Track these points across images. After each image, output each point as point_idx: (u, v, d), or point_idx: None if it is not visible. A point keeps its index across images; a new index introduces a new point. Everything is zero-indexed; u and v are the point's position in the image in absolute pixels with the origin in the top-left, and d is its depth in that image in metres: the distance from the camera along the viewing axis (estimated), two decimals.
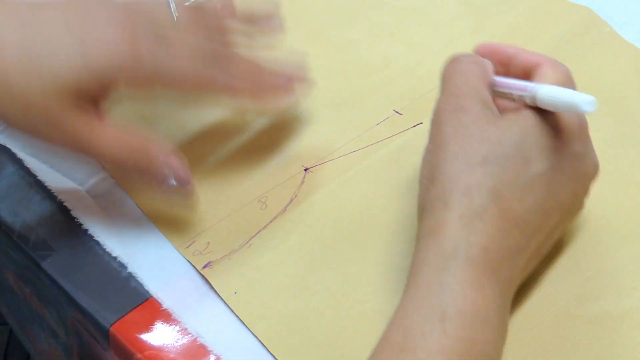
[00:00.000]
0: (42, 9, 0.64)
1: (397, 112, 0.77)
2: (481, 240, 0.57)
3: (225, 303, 0.69)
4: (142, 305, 0.69)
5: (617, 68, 0.78)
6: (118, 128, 0.66)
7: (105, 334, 0.69)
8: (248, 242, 0.72)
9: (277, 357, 0.66)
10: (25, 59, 0.62)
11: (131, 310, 0.69)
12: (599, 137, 0.72)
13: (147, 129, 0.72)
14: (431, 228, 0.59)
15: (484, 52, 0.66)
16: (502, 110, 0.63)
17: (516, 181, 0.59)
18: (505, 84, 0.64)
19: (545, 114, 0.61)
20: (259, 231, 0.72)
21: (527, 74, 0.64)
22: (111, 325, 0.69)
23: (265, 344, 0.67)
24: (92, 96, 0.64)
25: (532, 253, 0.61)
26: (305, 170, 0.75)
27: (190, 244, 0.72)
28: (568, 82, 0.63)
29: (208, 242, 0.72)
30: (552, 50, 0.79)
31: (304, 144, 0.77)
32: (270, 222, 0.72)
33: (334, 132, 0.77)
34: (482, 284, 0.57)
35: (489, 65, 0.65)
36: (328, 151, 0.76)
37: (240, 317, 0.68)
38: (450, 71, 0.64)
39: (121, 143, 0.66)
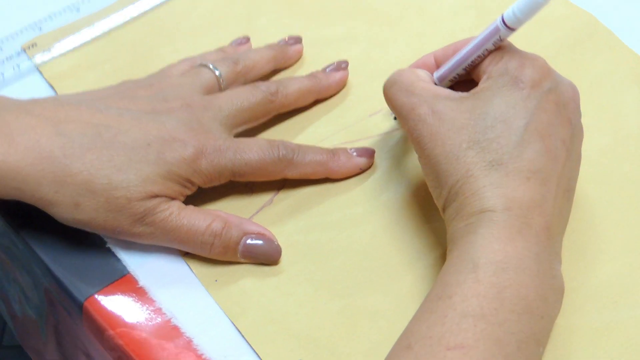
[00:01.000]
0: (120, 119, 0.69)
1: None
2: (499, 203, 0.60)
3: (204, 287, 0.68)
4: (119, 281, 0.69)
5: (617, 77, 0.77)
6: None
7: (79, 307, 0.68)
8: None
9: (253, 346, 0.65)
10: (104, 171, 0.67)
11: (107, 285, 0.69)
12: (594, 146, 0.72)
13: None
14: (452, 215, 0.62)
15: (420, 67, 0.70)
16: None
17: (507, 144, 0.62)
18: (453, 57, 0.67)
19: (498, 77, 0.63)
20: (260, 210, 0.71)
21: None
22: (85, 299, 0.68)
23: (241, 331, 0.66)
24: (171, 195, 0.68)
25: (557, 193, 0.62)
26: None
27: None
28: None
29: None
30: (553, 54, 0.78)
31: (291, 129, 0.76)
32: (257, 212, 0.72)
33: (323, 119, 0.76)
34: (512, 236, 0.59)
35: (422, 70, 0.69)
36: (316, 139, 0.75)
37: (218, 303, 0.67)
38: (392, 95, 0.67)
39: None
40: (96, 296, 0.68)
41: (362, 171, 0.73)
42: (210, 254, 0.69)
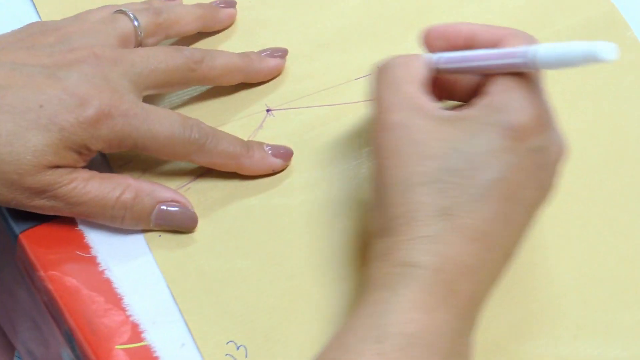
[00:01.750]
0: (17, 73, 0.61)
1: None
2: (432, 261, 0.53)
3: (145, 242, 0.64)
4: (58, 219, 0.64)
5: (628, 80, 0.71)
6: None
7: (14, 239, 0.64)
8: (187, 184, 0.66)
9: (185, 317, 0.62)
10: None
11: (46, 222, 0.65)
12: (593, 155, 0.67)
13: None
14: (380, 252, 0.55)
15: (433, 38, 0.61)
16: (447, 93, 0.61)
17: (466, 194, 0.54)
18: (466, 58, 0.58)
19: (490, 111, 0.56)
20: (202, 174, 0.67)
21: None
22: (21, 232, 0.64)
23: (175, 298, 0.62)
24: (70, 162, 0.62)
25: (498, 262, 0.56)
26: (268, 111, 0.69)
27: (125, 164, 0.67)
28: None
29: (144, 170, 0.67)
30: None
31: (272, 81, 0.71)
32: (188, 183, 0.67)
33: (308, 74, 0.71)
34: (432, 306, 0.53)
35: (419, 61, 0.60)
36: (296, 94, 0.70)
37: (157, 262, 0.64)
38: (377, 84, 0.59)
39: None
40: (32, 231, 0.64)
41: (274, 173, 0.67)
42: (121, 226, 0.64)
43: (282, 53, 0.71)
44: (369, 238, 0.57)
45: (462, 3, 0.74)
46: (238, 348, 0.61)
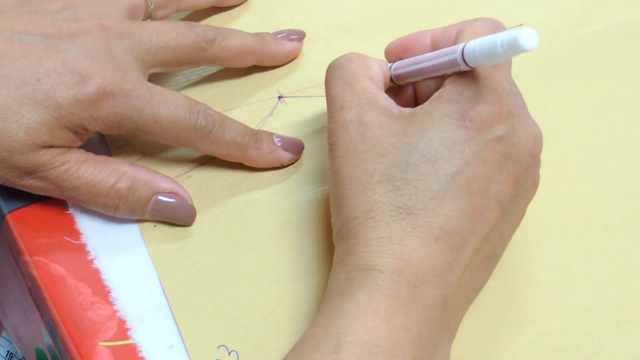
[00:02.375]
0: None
1: None
2: (391, 264, 0.50)
3: (140, 232, 0.60)
4: (48, 200, 0.61)
5: None
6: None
7: (1, 219, 0.61)
8: (188, 172, 0.62)
9: (175, 316, 0.58)
10: None
11: (36, 202, 0.61)
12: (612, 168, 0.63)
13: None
14: (340, 256, 0.53)
15: (394, 52, 0.59)
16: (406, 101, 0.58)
17: (425, 191, 0.51)
18: (413, 62, 0.56)
19: (442, 102, 0.53)
20: (205, 162, 0.63)
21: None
22: (9, 212, 0.60)
23: (166, 295, 0.59)
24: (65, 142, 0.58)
25: (472, 261, 0.52)
26: (279, 98, 0.65)
27: (124, 145, 0.63)
28: (499, 31, 0.54)
29: (144, 153, 0.63)
30: (601, 42, 0.68)
31: (286, 66, 0.67)
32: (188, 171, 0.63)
33: (325, 60, 0.66)
34: (392, 311, 0.49)
35: (374, 61, 0.57)
36: (311, 82, 0.66)
37: (150, 254, 0.60)
38: (330, 80, 0.56)
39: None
40: (20, 211, 0.61)
41: (283, 167, 0.63)
42: (114, 214, 0.60)
43: (299, 36, 0.67)
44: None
45: None
46: (230, 353, 0.57)
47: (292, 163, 0.63)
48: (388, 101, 0.54)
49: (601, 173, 0.62)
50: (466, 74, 0.53)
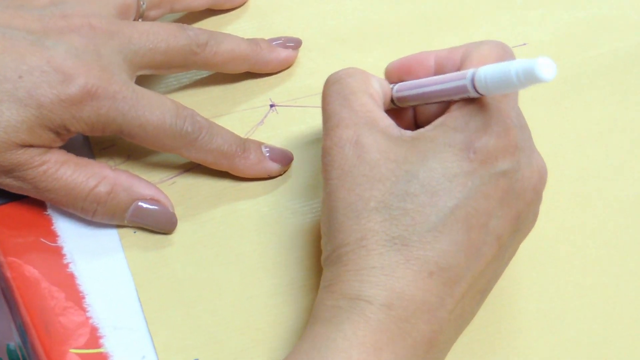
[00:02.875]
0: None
1: None
2: (381, 296, 0.48)
3: (118, 237, 0.58)
4: (26, 199, 0.59)
5: None
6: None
7: None
8: (173, 178, 0.60)
9: (149, 327, 0.56)
10: None
11: (14, 200, 0.59)
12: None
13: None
14: (328, 281, 0.51)
15: (395, 73, 0.56)
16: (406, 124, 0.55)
17: (424, 223, 0.49)
18: (418, 85, 0.53)
19: (447, 130, 0.51)
20: (191, 168, 0.61)
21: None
22: None
23: (142, 304, 0.57)
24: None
25: (465, 296, 0.51)
26: (271, 106, 0.63)
27: (109, 146, 0.61)
28: (507, 56, 0.52)
29: (129, 155, 0.61)
30: (604, 67, 0.66)
31: (280, 73, 0.65)
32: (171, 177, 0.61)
33: (320, 70, 0.65)
34: (378, 345, 0.48)
35: (374, 78, 0.55)
36: (305, 91, 0.64)
37: (128, 261, 0.58)
38: (328, 95, 0.54)
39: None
40: None
41: (270, 178, 0.61)
42: (92, 219, 0.58)
43: (295, 44, 0.65)
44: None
45: (497, 11, 0.68)
46: None
47: (280, 174, 0.61)
48: (388, 121, 0.52)
49: (597, 201, 0.61)
50: (474, 102, 0.51)
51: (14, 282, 0.57)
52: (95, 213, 0.57)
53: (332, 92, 0.54)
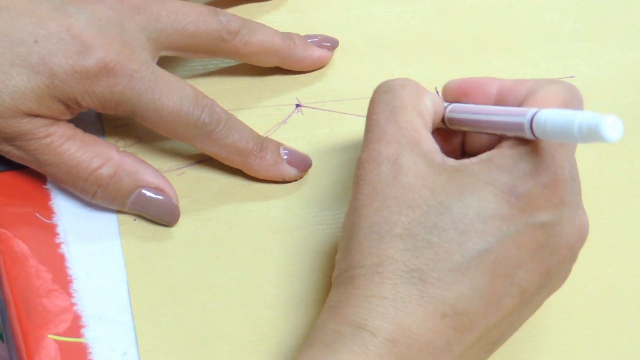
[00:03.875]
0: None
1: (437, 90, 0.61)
2: (386, 329, 0.45)
3: (117, 222, 0.55)
4: (27, 170, 0.56)
5: None
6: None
7: None
8: (182, 168, 0.57)
9: (135, 317, 0.53)
10: None
11: (13, 169, 0.56)
12: None
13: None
14: (334, 301, 0.48)
15: (453, 92, 0.52)
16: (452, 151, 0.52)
17: (447, 260, 0.46)
18: (473, 110, 0.50)
19: (492, 168, 0.47)
20: (202, 160, 0.57)
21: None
22: None
23: (131, 299, 0.53)
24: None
25: (470, 346, 0.47)
26: (297, 106, 0.60)
27: (122, 125, 0.58)
28: (575, 101, 0.49)
29: (140, 138, 0.58)
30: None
31: (312, 73, 0.62)
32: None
33: (355, 75, 0.62)
34: None
35: (429, 94, 0.51)
36: (335, 95, 0.61)
37: (123, 250, 0.55)
38: (375, 103, 0.50)
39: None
40: None
41: (284, 182, 0.57)
42: (91, 201, 0.55)
43: (332, 44, 0.61)
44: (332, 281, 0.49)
45: (548, 39, 0.64)
46: None
47: (296, 180, 0.57)
48: (432, 145, 0.49)
49: (626, 253, 0.57)
50: (527, 142, 0.47)
51: (1, 255, 0.54)
52: (95, 195, 0.54)
53: (380, 102, 0.50)
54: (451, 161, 0.48)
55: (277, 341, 0.53)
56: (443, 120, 0.52)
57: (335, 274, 0.49)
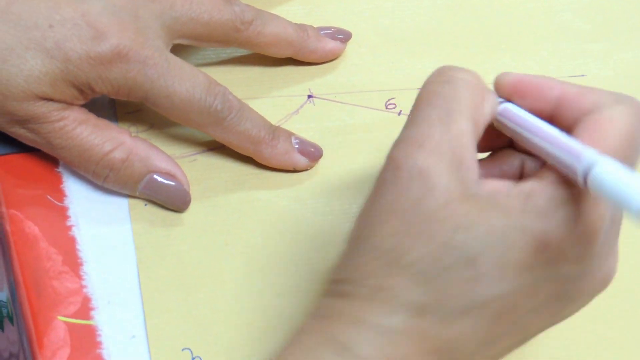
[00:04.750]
0: None
1: None
2: (372, 357, 0.43)
3: (128, 207, 0.56)
4: (39, 152, 0.56)
5: None
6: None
7: None
8: (194, 155, 0.58)
9: (144, 301, 0.54)
10: None
11: (26, 152, 0.56)
12: None
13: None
14: (322, 311, 0.46)
15: (506, 89, 0.47)
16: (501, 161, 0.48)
17: (453, 301, 0.43)
18: (526, 124, 0.45)
19: (529, 208, 0.43)
20: (214, 148, 0.58)
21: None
22: None
23: (141, 284, 0.54)
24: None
25: None
26: (309, 97, 0.60)
27: (134, 111, 0.58)
28: None
29: (152, 124, 0.58)
30: None
31: (324, 65, 0.62)
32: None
33: (367, 67, 0.62)
34: None
35: (490, 95, 0.47)
36: (347, 87, 0.61)
37: (134, 235, 0.55)
38: (431, 95, 0.45)
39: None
40: (6, 158, 0.56)
41: (295, 171, 0.57)
42: (102, 184, 0.55)
43: (345, 36, 0.62)
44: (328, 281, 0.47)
45: (559, 38, 0.64)
46: (193, 359, 0.52)
47: (307, 169, 0.58)
48: (472, 166, 0.44)
49: (629, 253, 0.57)
50: (575, 188, 0.43)
51: (12, 236, 0.54)
52: (106, 179, 0.55)
53: (438, 94, 0.45)
54: (485, 189, 0.44)
55: (284, 328, 0.53)
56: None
57: (332, 277, 0.46)
